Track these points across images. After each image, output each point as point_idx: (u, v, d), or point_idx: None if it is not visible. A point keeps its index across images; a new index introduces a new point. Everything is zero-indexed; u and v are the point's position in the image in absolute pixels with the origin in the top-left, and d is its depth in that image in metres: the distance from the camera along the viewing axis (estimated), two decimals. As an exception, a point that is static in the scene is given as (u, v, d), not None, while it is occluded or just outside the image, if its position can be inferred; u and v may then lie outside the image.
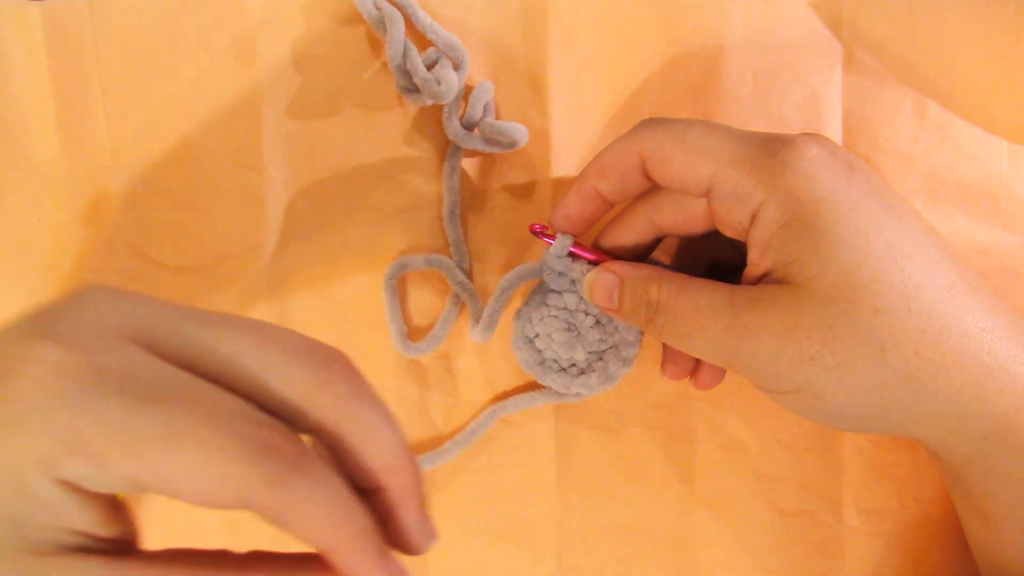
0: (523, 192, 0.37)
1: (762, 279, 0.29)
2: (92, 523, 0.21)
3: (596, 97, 0.37)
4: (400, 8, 0.35)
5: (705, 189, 0.29)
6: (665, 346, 0.34)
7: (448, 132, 0.36)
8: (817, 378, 0.28)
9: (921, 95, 0.36)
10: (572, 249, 0.33)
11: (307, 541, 0.20)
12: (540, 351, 0.35)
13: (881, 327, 0.27)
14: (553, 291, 0.34)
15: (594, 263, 0.33)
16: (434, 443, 0.38)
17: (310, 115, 0.37)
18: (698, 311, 0.29)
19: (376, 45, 0.37)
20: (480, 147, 0.36)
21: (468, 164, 0.37)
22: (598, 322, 0.34)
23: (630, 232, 0.33)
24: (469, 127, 0.36)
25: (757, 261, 0.29)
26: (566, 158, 0.37)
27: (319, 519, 0.20)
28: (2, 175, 0.37)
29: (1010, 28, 0.35)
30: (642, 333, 0.35)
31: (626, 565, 0.38)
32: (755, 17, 0.36)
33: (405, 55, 0.35)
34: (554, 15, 0.36)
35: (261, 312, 0.38)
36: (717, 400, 0.37)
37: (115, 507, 0.21)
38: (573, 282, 0.34)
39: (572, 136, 0.37)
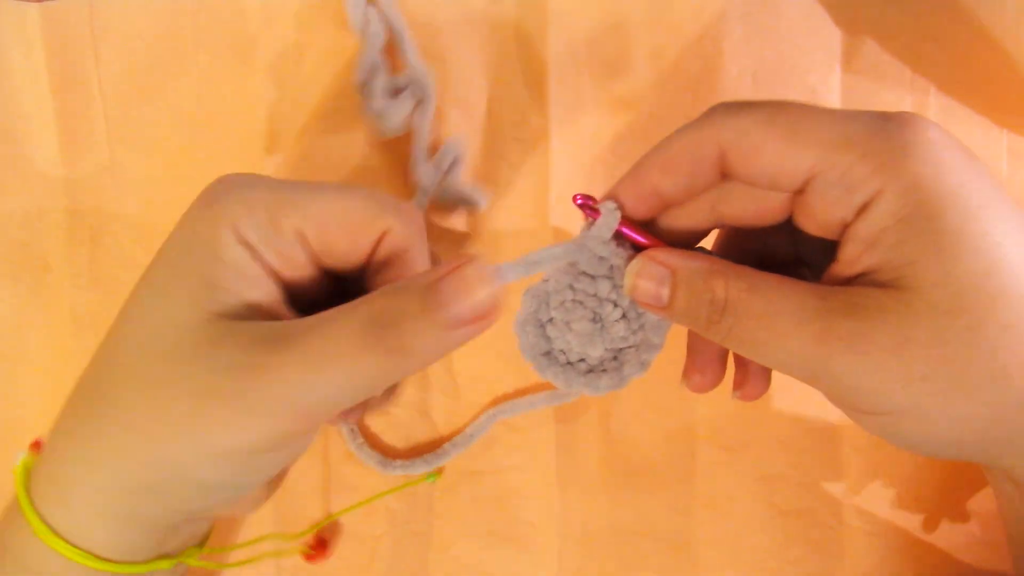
0: (523, 193, 0.37)
1: (855, 280, 0.25)
2: (266, 294, 0.25)
3: (596, 97, 0.37)
4: (392, 29, 0.35)
5: (803, 181, 0.25)
6: (690, 354, 0.30)
7: (414, 175, 0.36)
8: (924, 401, 0.23)
9: (921, 95, 0.36)
10: (620, 229, 0.28)
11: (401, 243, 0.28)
12: (549, 339, 0.30)
13: (1007, 347, 0.23)
14: (586, 274, 0.29)
15: (641, 249, 0.28)
16: (434, 445, 0.38)
17: (310, 115, 0.37)
18: (778, 315, 0.24)
19: (375, 45, 0.37)
20: (441, 198, 0.36)
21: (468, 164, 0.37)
22: (625, 316, 0.29)
23: (686, 216, 0.28)
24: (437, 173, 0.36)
25: (855, 258, 0.24)
26: (566, 158, 0.37)
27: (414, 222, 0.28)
28: (2, 177, 0.37)
29: (1009, 25, 0.35)
30: (666, 335, 0.30)
31: (627, 566, 0.38)
32: (755, 17, 0.36)
33: (368, 80, 0.35)
34: (554, 15, 0.36)
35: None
36: (717, 400, 0.37)
37: (278, 289, 0.26)
38: (612, 268, 0.28)
39: (572, 136, 0.37)
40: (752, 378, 0.30)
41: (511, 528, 0.38)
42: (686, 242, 0.29)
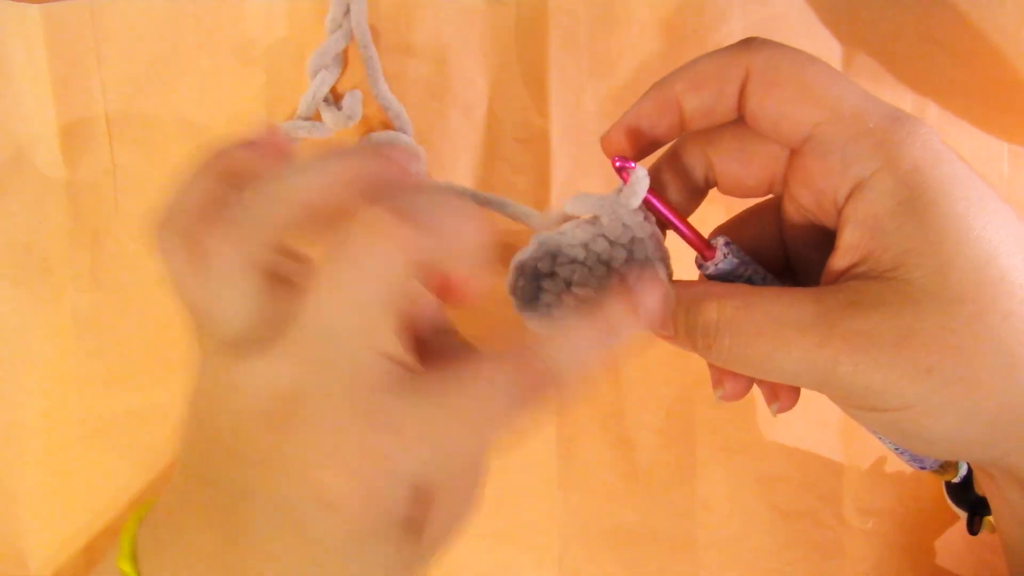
0: (523, 193, 0.37)
1: (851, 271, 0.25)
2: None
3: (596, 97, 0.37)
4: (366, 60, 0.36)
5: (803, 137, 0.25)
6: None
7: None
8: (932, 394, 0.23)
9: (921, 95, 0.36)
10: (647, 196, 0.26)
11: None
12: (541, 290, 0.28)
13: (1011, 336, 0.23)
14: (605, 238, 0.27)
15: (663, 223, 0.27)
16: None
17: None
18: (779, 326, 0.24)
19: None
20: None
21: (468, 165, 0.37)
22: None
23: (685, 170, 0.28)
24: None
25: (857, 243, 0.24)
26: (566, 158, 0.37)
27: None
28: (3, 178, 0.37)
29: (1009, 27, 0.35)
30: None
31: (628, 567, 0.38)
32: (754, 17, 0.36)
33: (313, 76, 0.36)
34: (554, 15, 0.36)
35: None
36: (717, 401, 0.37)
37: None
38: (633, 240, 0.27)
39: (572, 136, 0.37)
40: (782, 390, 0.29)
41: (512, 529, 0.38)
42: (688, 201, 0.29)
